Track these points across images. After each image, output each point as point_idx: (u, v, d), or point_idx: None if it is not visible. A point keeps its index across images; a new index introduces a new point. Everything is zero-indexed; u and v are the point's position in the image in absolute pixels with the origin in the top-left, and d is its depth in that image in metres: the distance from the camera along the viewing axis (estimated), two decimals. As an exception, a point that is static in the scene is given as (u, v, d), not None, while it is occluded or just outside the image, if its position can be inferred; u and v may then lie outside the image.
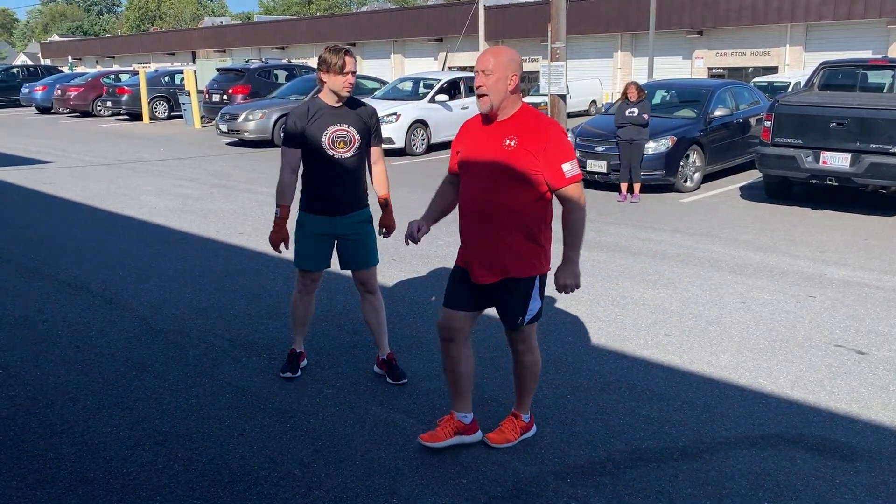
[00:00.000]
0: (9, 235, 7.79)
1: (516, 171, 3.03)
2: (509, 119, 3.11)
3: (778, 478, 3.23)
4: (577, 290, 3.22)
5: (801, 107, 8.85)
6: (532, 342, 3.38)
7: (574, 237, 3.13)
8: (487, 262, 3.15)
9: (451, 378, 3.43)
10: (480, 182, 3.11)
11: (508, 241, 3.10)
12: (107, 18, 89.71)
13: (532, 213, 3.09)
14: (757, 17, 24.71)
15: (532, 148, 3.02)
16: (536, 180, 3.05)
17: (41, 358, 4.58)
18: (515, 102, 3.13)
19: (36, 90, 26.47)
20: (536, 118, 3.11)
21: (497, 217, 3.09)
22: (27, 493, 3.14)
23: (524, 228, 3.10)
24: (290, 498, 3.11)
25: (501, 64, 3.06)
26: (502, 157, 3.05)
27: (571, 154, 3.09)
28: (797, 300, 5.62)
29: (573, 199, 3.08)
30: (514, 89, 3.09)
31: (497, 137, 3.09)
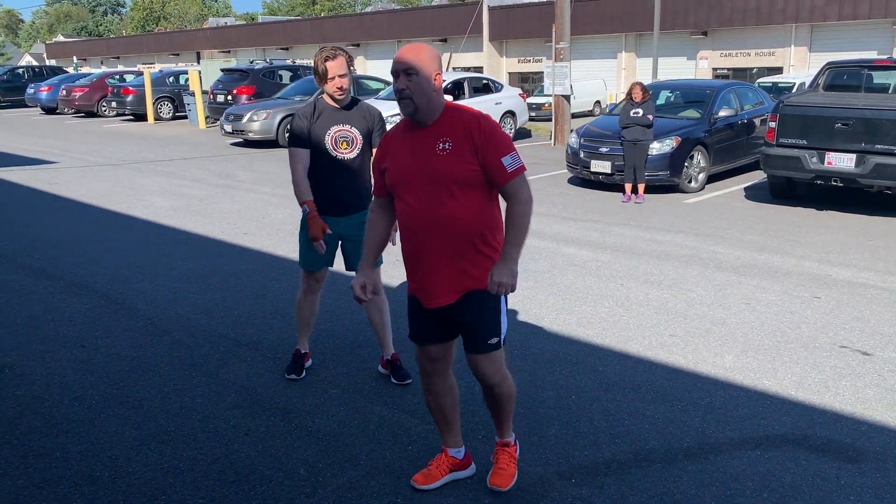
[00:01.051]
0: (14, 235, 7.82)
1: (459, 176, 2.74)
2: (437, 121, 2.82)
3: (783, 479, 3.23)
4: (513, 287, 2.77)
5: (805, 107, 8.83)
6: (504, 368, 3.03)
7: (516, 233, 2.78)
8: (444, 281, 2.84)
9: (437, 414, 3.16)
10: (422, 196, 2.79)
11: (464, 254, 2.81)
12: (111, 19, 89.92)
13: (483, 217, 2.82)
14: (762, 17, 24.66)
15: (468, 146, 2.75)
16: (479, 180, 2.78)
17: (47, 357, 4.60)
18: (440, 102, 2.84)
19: (41, 90, 26.55)
20: (463, 114, 2.82)
21: (448, 229, 2.78)
22: (33, 491, 3.16)
23: (479, 236, 2.82)
24: (294, 497, 3.12)
25: (424, 62, 2.77)
26: (440, 163, 2.76)
27: (509, 145, 2.81)
28: (802, 301, 5.61)
29: (517, 192, 2.78)
30: (438, 89, 2.81)
31: (429, 143, 2.79)
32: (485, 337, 2.90)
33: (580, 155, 10.46)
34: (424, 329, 2.99)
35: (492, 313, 2.89)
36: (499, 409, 3.13)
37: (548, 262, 6.69)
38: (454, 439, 3.22)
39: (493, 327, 2.91)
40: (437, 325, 2.96)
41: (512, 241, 2.78)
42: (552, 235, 7.73)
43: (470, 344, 2.93)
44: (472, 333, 2.91)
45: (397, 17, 37.13)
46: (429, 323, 2.96)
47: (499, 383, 3.02)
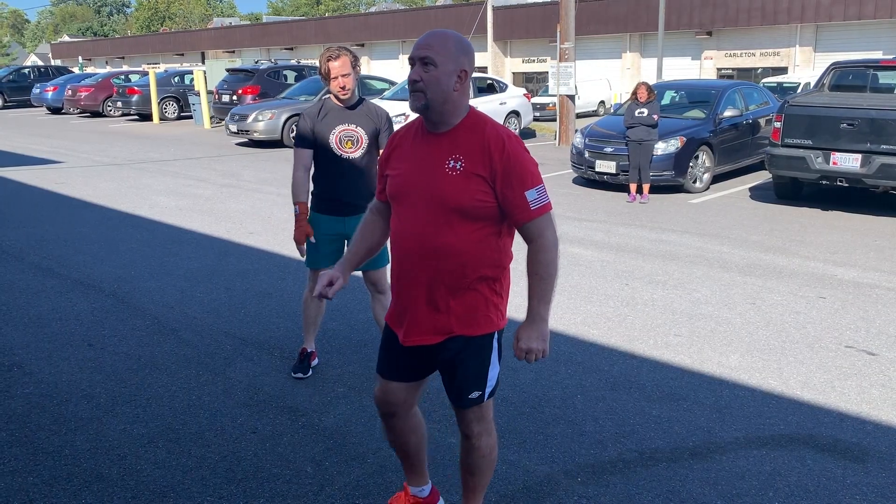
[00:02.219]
0: (21, 234, 7.86)
1: (464, 205, 2.31)
2: (454, 130, 2.36)
3: (788, 478, 3.24)
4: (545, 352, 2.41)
5: (811, 107, 8.83)
6: (490, 422, 2.61)
7: (544, 286, 2.35)
8: (427, 318, 2.43)
9: (400, 454, 2.81)
10: (418, 215, 2.37)
11: (457, 292, 2.39)
12: (117, 19, 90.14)
13: (488, 254, 2.38)
14: (767, 17, 24.64)
15: (483, 171, 2.30)
16: (490, 213, 2.34)
17: (55, 356, 4.62)
18: (461, 107, 2.37)
19: (47, 90, 26.64)
20: (487, 129, 2.34)
21: (442, 262, 2.35)
22: (43, 489, 3.18)
23: (476, 274, 2.38)
24: (302, 495, 3.13)
25: (448, 54, 2.30)
26: (445, 183, 2.32)
27: (537, 177, 2.34)
28: (807, 301, 5.61)
29: (542, 235, 2.34)
30: (461, 89, 2.34)
31: (438, 156, 2.35)
32: (464, 390, 2.49)
33: (585, 155, 10.47)
34: (393, 364, 2.59)
35: (477, 365, 2.47)
36: (474, 472, 2.67)
37: (553, 262, 6.69)
38: (418, 479, 2.87)
39: (476, 381, 2.49)
40: (409, 361, 2.56)
41: (539, 294, 2.36)
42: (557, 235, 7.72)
43: (452, 393, 2.55)
44: (453, 383, 2.52)
45: (402, 17, 37.17)
46: (402, 359, 2.56)
47: (478, 435, 2.59)
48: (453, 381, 2.51)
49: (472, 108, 2.41)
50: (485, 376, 2.49)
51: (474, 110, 2.42)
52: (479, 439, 2.60)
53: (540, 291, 2.36)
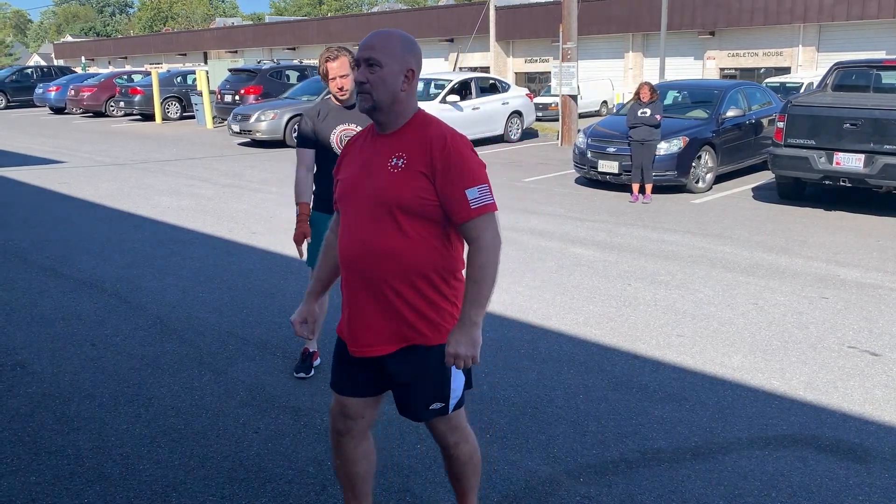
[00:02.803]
0: (24, 234, 7.87)
1: (405, 202, 2.24)
2: (400, 130, 2.32)
3: (791, 478, 3.23)
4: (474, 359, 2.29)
5: (814, 107, 8.82)
6: (464, 428, 2.55)
7: (477, 289, 2.25)
8: (377, 326, 2.33)
9: (344, 482, 2.63)
10: (364, 218, 2.30)
11: (403, 298, 2.30)
12: (119, 19, 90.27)
13: (434, 257, 2.29)
14: (769, 17, 24.59)
15: (424, 168, 2.24)
16: (434, 212, 2.26)
17: (58, 355, 4.63)
18: (409, 108, 2.33)
19: (49, 90, 26.67)
20: (430, 128, 2.30)
21: (387, 265, 2.27)
22: (46, 488, 3.18)
23: (424, 279, 2.29)
24: (304, 495, 3.13)
25: (394, 53, 2.26)
26: (387, 182, 2.26)
27: (480, 177, 2.27)
28: (810, 301, 5.61)
29: (480, 236, 2.24)
30: (408, 89, 2.30)
31: (382, 156, 2.30)
32: (423, 402, 2.39)
33: (587, 155, 10.46)
34: (346, 377, 2.49)
35: (435, 377, 2.35)
36: (461, 478, 2.62)
37: (555, 262, 6.69)
38: None
39: (436, 392, 2.37)
40: (364, 375, 2.45)
41: (472, 299, 2.26)
42: (560, 235, 7.73)
43: (402, 407, 2.44)
44: (406, 396, 2.41)
45: (404, 16, 37.17)
46: (355, 371, 2.45)
47: (454, 444, 2.52)
48: (410, 394, 2.39)
49: (420, 110, 2.37)
50: (446, 387, 2.38)
51: (422, 111, 2.37)
52: (457, 448, 2.54)
53: (472, 294, 2.26)
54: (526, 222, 8.36)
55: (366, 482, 2.63)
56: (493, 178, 10.64)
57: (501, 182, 11.15)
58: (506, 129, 16.40)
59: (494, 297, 5.59)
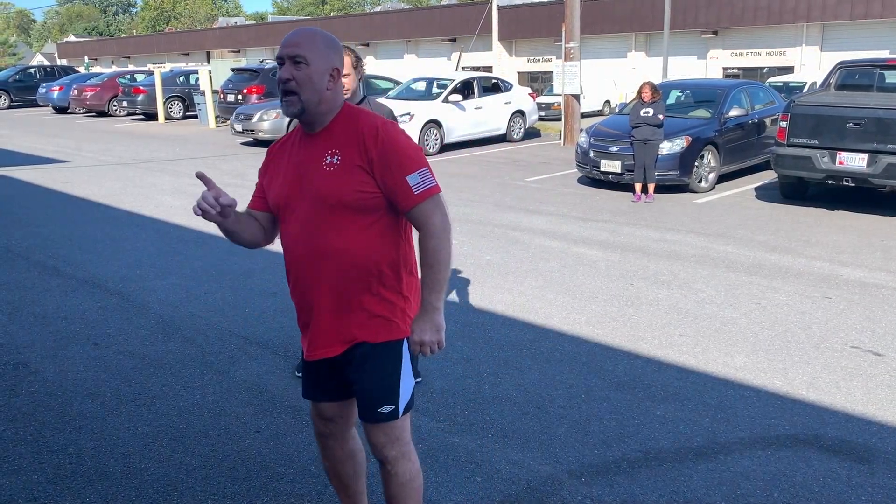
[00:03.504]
0: (27, 233, 7.88)
1: (346, 199, 2.18)
2: (329, 127, 2.26)
3: (794, 478, 3.22)
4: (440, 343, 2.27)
5: (817, 107, 8.79)
6: (407, 444, 2.40)
7: (433, 274, 2.21)
8: (327, 328, 2.28)
9: (335, 483, 2.63)
10: (302, 220, 2.24)
11: (354, 296, 2.25)
12: (122, 19, 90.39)
13: (382, 251, 2.24)
14: (772, 16, 24.55)
15: (360, 161, 2.18)
16: (377, 205, 2.21)
17: (60, 354, 4.63)
18: (336, 105, 2.27)
19: (53, 90, 26.70)
20: (360, 119, 2.25)
21: (332, 264, 2.22)
22: (47, 487, 3.19)
23: (376, 275, 2.24)
24: (305, 494, 3.13)
25: (319, 52, 2.20)
26: (325, 182, 2.20)
27: (418, 161, 2.21)
28: (813, 301, 5.59)
29: (428, 220, 2.20)
30: (334, 88, 2.25)
31: (315, 156, 2.24)
32: (373, 403, 2.31)
33: (590, 154, 10.45)
34: (312, 383, 2.45)
35: (385, 375, 2.30)
36: (394, 499, 2.44)
37: (557, 262, 6.68)
38: None
39: (386, 393, 2.31)
40: (327, 379, 2.41)
41: (429, 284, 2.22)
42: (562, 235, 7.73)
43: (361, 409, 2.36)
44: (359, 396, 2.35)
45: (407, 16, 37.16)
46: (317, 377, 2.42)
47: (394, 460, 2.38)
48: (365, 396, 2.32)
49: (346, 104, 2.31)
50: (396, 388, 2.31)
51: (348, 105, 2.31)
52: (396, 464, 2.38)
53: (430, 281, 2.23)
54: (529, 222, 8.35)
55: (357, 481, 2.62)
56: (496, 177, 10.68)
57: (504, 182, 11.15)
58: (508, 129, 16.39)
59: (497, 297, 5.63)
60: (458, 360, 4.50)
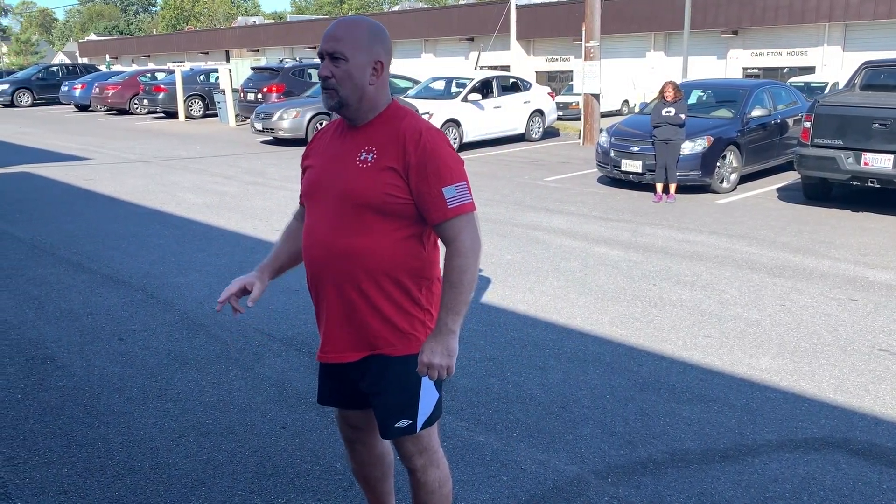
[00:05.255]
0: (52, 229, 7.96)
1: (372, 199, 2.08)
2: (370, 123, 2.16)
3: (823, 482, 3.19)
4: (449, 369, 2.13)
5: (842, 107, 8.70)
6: (435, 451, 2.34)
7: (454, 294, 2.08)
8: (342, 332, 2.19)
9: (363, 484, 2.61)
10: (327, 215, 2.16)
11: (370, 302, 2.14)
12: (142, 18, 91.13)
13: (404, 259, 2.14)
14: (794, 16, 24.34)
15: (396, 163, 2.07)
16: (405, 211, 2.10)
17: (86, 350, 4.68)
18: (380, 100, 2.15)
19: (75, 88, 26.97)
20: (404, 121, 2.13)
21: (352, 267, 2.12)
22: (77, 481, 3.22)
23: (393, 282, 2.14)
24: (332, 491, 3.14)
25: (360, 45, 2.09)
26: (355, 178, 2.10)
27: (458, 174, 2.10)
28: (838, 303, 5.54)
29: (457, 238, 2.08)
30: (377, 82, 2.13)
31: (351, 150, 2.15)
32: (390, 418, 2.22)
33: (611, 154, 10.41)
34: (326, 389, 2.37)
35: (404, 390, 2.20)
36: None
37: (579, 262, 6.66)
38: None
39: (403, 408, 2.21)
40: (342, 387, 2.33)
41: (448, 304, 2.09)
42: (583, 235, 7.70)
43: (378, 422, 2.27)
44: (376, 410, 2.26)
45: (424, 15, 37.20)
46: (333, 382, 2.33)
47: (422, 468, 2.31)
48: (382, 410, 2.23)
49: (393, 100, 2.20)
50: (414, 404, 2.21)
51: (396, 102, 2.20)
52: (425, 473, 2.32)
53: (449, 300, 2.09)
54: (549, 221, 8.33)
55: (384, 483, 2.59)
56: (515, 176, 10.65)
57: (523, 181, 11.13)
58: (527, 128, 16.36)
59: (519, 297, 5.62)
60: (482, 360, 4.49)
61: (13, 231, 7.90)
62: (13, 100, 29.32)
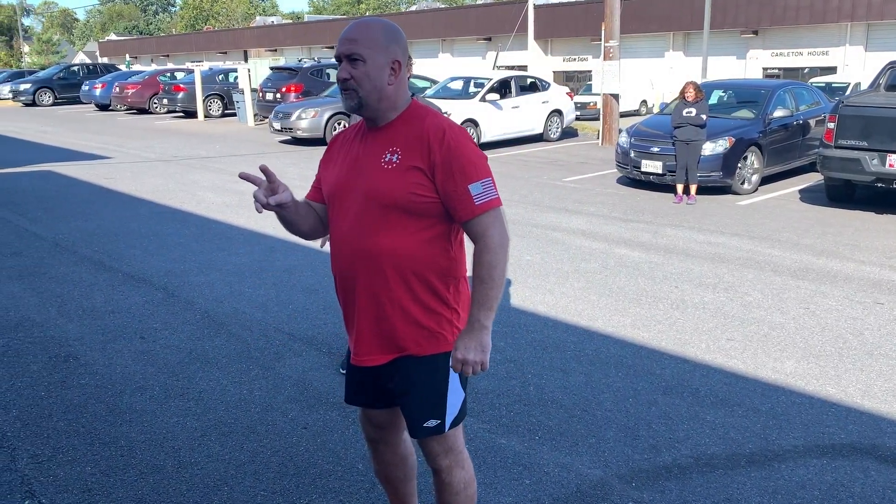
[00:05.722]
0: (73, 228, 8.02)
1: (399, 200, 2.08)
2: (392, 123, 2.16)
3: (852, 489, 3.14)
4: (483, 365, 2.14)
5: (866, 108, 8.59)
6: (460, 452, 2.34)
7: (485, 290, 2.09)
8: (370, 334, 2.19)
9: (385, 485, 2.61)
10: (353, 217, 2.15)
11: (398, 303, 2.15)
12: (162, 18, 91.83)
13: (431, 258, 2.14)
14: (815, 15, 24.08)
15: (421, 163, 2.08)
16: (432, 210, 2.11)
17: (108, 348, 4.70)
18: (399, 100, 2.16)
19: (95, 87, 27.21)
20: (426, 119, 2.13)
21: (378, 267, 2.13)
22: (101, 479, 3.23)
23: (421, 282, 2.14)
24: (354, 493, 3.13)
25: (377, 45, 2.10)
26: (380, 179, 2.11)
27: (482, 170, 2.10)
28: (864, 307, 5.46)
29: (486, 233, 2.09)
30: (395, 82, 2.13)
31: (374, 151, 2.15)
32: (419, 418, 2.23)
33: (630, 154, 10.34)
34: (354, 389, 2.38)
35: (432, 389, 2.21)
36: None
37: (599, 263, 6.62)
38: None
39: (431, 408, 2.22)
40: (371, 387, 2.34)
41: (480, 301, 2.10)
42: (603, 236, 7.65)
43: (407, 422, 2.30)
44: (405, 410, 2.28)
45: (442, 15, 37.19)
46: (361, 382, 2.35)
47: (447, 469, 2.32)
48: (410, 410, 2.25)
49: (413, 100, 2.20)
50: (442, 403, 2.22)
51: (416, 101, 2.21)
52: (451, 474, 2.32)
53: (480, 296, 2.10)
54: (569, 222, 8.29)
55: (407, 484, 2.58)
56: (534, 177, 10.60)
57: (542, 181, 11.08)
58: (545, 128, 16.30)
59: (539, 298, 5.59)
60: (502, 361, 4.47)
61: (35, 229, 7.97)
62: (35, 99, 29.64)
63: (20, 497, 3.10)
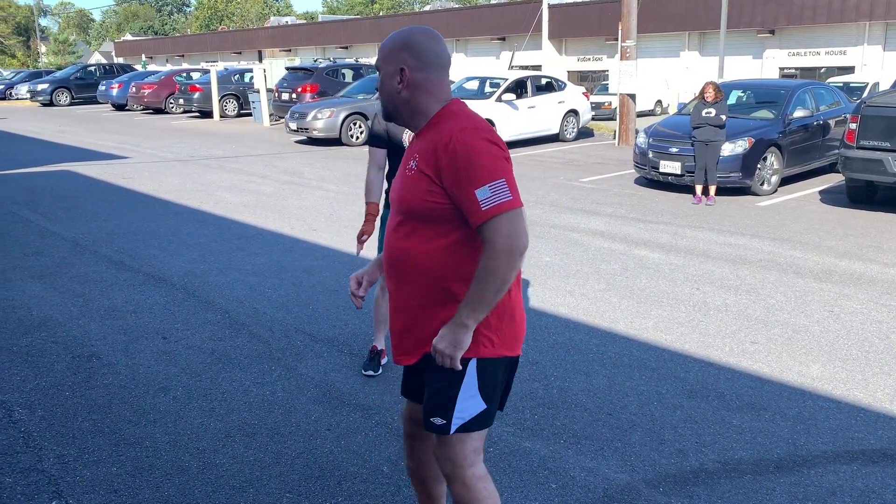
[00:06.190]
0: (93, 227, 8.07)
1: (412, 205, 2.14)
2: (423, 130, 2.21)
3: (884, 496, 3.09)
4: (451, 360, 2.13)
5: (889, 108, 8.49)
6: (461, 467, 2.26)
7: (475, 290, 2.05)
8: (402, 335, 2.27)
9: (416, 485, 2.61)
10: (393, 222, 2.25)
11: (424, 307, 2.20)
12: (177, 18, 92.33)
13: (453, 265, 2.14)
14: (833, 15, 23.87)
15: (429, 169, 2.08)
16: (448, 216, 2.10)
17: (131, 348, 4.72)
18: (421, 105, 2.18)
19: (112, 87, 27.39)
20: (442, 124, 2.14)
21: (403, 271, 2.20)
22: (126, 479, 3.23)
23: (443, 290, 2.16)
24: (379, 495, 3.12)
25: (387, 56, 2.19)
26: (403, 185, 2.18)
27: (493, 170, 2.03)
28: (889, 310, 5.39)
29: (492, 239, 2.02)
30: (405, 87, 2.17)
31: (406, 158, 2.22)
32: (429, 412, 2.25)
33: (649, 155, 10.28)
34: (405, 381, 2.48)
35: (444, 389, 2.21)
36: None
37: (619, 264, 6.58)
38: None
39: (439, 406, 2.22)
40: (413, 381, 2.44)
41: (468, 299, 2.07)
42: (622, 237, 7.61)
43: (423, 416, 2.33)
44: (423, 402, 2.34)
45: (456, 15, 37.17)
46: (409, 377, 2.46)
47: (448, 478, 2.28)
48: (424, 402, 2.29)
49: (445, 105, 2.19)
50: (451, 405, 2.20)
51: (448, 107, 2.19)
52: (451, 484, 2.27)
53: (470, 295, 2.06)
54: (587, 223, 8.25)
55: (438, 485, 2.59)
56: (551, 177, 10.54)
57: (559, 182, 11.04)
58: (561, 128, 16.25)
59: (559, 300, 5.57)
60: (524, 363, 4.45)
61: (56, 229, 8.02)
62: (52, 99, 29.87)
63: (48, 497, 3.11)
